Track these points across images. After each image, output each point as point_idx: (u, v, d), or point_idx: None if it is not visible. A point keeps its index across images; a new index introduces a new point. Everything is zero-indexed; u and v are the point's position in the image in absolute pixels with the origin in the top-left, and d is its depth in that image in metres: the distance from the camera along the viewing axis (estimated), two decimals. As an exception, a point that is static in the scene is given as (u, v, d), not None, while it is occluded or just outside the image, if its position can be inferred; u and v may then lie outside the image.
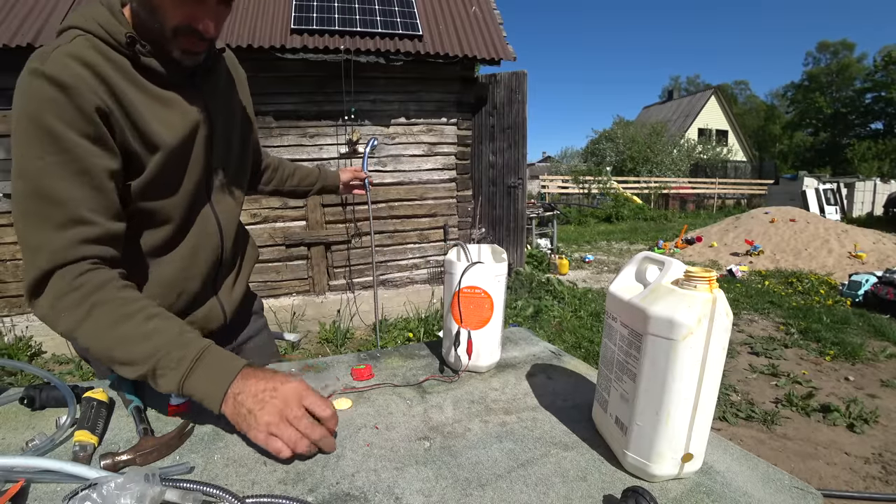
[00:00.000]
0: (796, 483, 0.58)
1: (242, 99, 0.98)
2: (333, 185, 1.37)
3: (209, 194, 0.89)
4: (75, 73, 0.66)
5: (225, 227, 0.92)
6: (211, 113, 0.85)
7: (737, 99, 41.66)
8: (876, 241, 6.98)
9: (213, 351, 0.66)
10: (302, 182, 1.32)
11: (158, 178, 0.77)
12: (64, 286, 0.66)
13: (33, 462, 0.54)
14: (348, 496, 0.54)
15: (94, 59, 0.69)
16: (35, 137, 0.65)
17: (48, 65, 0.65)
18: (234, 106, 0.94)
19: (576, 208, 13.52)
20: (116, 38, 0.71)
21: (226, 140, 0.91)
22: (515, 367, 0.93)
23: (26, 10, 3.71)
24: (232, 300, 0.99)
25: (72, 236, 0.67)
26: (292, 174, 1.30)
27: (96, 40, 0.71)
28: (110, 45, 0.72)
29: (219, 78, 0.90)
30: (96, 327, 0.65)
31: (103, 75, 0.69)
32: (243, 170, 0.99)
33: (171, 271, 0.85)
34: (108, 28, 0.71)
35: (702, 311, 0.51)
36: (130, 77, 0.73)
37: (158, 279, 0.83)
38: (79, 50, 0.68)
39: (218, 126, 0.87)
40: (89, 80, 0.67)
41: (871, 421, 2.73)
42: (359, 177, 1.41)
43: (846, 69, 32.27)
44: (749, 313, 4.90)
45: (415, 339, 4.04)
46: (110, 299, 0.66)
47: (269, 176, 1.25)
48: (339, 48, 3.94)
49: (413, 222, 4.70)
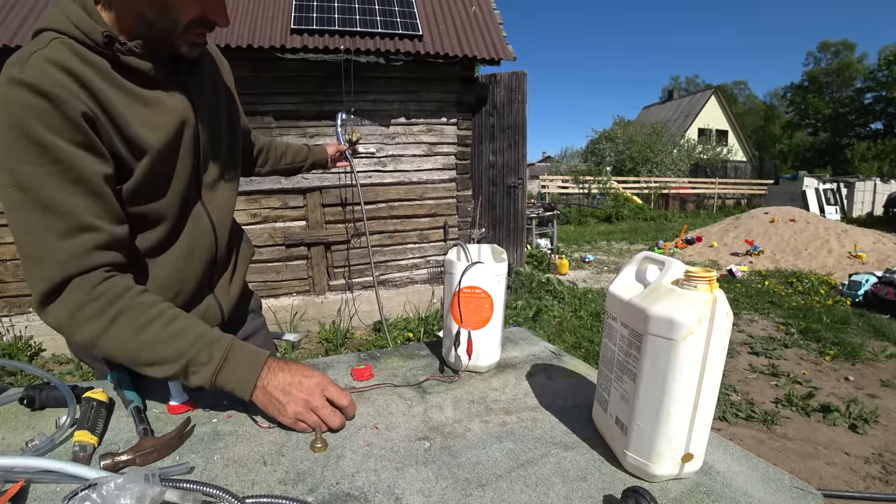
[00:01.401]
0: (796, 483, 0.58)
1: (226, 87, 0.96)
2: (322, 159, 1.44)
3: (200, 192, 0.88)
4: (56, 79, 0.64)
5: (218, 224, 0.91)
6: (196, 109, 0.83)
7: (737, 99, 41.66)
8: (876, 241, 6.98)
9: (239, 345, 0.72)
10: (295, 159, 1.36)
11: (147, 182, 0.76)
12: (83, 296, 0.66)
13: (33, 462, 0.54)
14: (348, 496, 0.54)
15: (73, 63, 0.66)
16: (25, 149, 0.63)
17: (27, 72, 0.63)
18: (218, 97, 0.92)
19: (576, 208, 13.52)
20: (93, 37, 0.68)
21: (213, 135, 0.89)
22: (515, 367, 0.93)
23: (26, 10, 3.71)
24: (229, 298, 0.98)
25: (81, 244, 0.66)
26: (285, 153, 1.33)
27: (72, 42, 0.68)
28: (87, 45, 0.69)
29: (202, 70, 0.88)
30: (121, 334, 0.67)
31: (84, 80, 0.67)
32: (234, 162, 0.97)
33: (167, 272, 0.84)
34: (84, 28, 0.68)
35: (702, 311, 0.51)
36: (110, 79, 0.71)
37: (155, 281, 0.83)
38: (56, 54, 0.66)
39: (204, 121, 0.85)
40: (71, 86, 0.65)
41: (871, 421, 2.73)
42: (339, 149, 1.52)
43: (847, 69, 32.28)
44: (749, 313, 4.90)
45: (415, 339, 4.04)
46: (132, 306, 0.68)
47: (264, 158, 1.28)
48: (339, 48, 3.94)
49: (413, 222, 4.70)
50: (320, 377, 0.72)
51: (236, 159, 0.99)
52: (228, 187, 0.95)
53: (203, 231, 0.88)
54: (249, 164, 1.25)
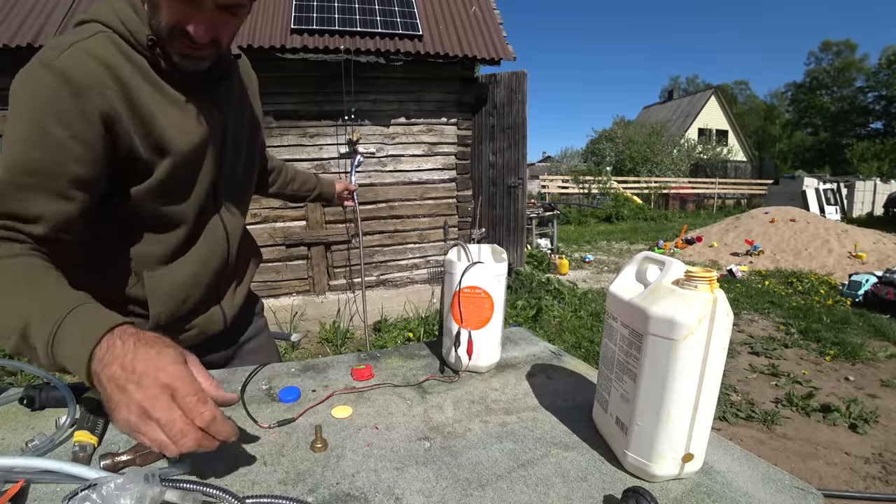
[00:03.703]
0: (796, 483, 0.58)
1: (253, 105, 0.98)
2: (329, 193, 1.41)
3: (217, 203, 0.89)
4: (91, 71, 0.64)
5: (232, 234, 0.92)
6: (224, 121, 0.85)
7: (737, 99, 41.63)
8: (876, 241, 6.98)
9: (81, 312, 0.55)
10: (302, 187, 1.35)
11: (168, 184, 0.76)
12: None
13: (33, 462, 0.54)
14: (348, 496, 0.54)
15: (115, 59, 0.67)
16: (29, 130, 0.62)
17: (63, 59, 0.62)
18: (245, 113, 0.94)
19: (576, 208, 13.52)
20: (138, 38, 0.69)
21: (236, 148, 0.91)
22: (515, 367, 0.93)
23: (26, 10, 3.71)
24: (233, 306, 0.99)
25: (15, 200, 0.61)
26: (294, 178, 1.32)
27: (117, 38, 0.69)
28: (131, 44, 0.69)
29: (232, 85, 0.89)
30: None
31: (121, 77, 0.67)
32: (250, 178, 1.00)
33: (182, 277, 0.84)
34: (131, 27, 0.69)
35: (702, 311, 0.51)
36: (150, 79, 0.71)
37: (169, 284, 0.83)
38: (98, 47, 0.66)
39: (230, 133, 0.87)
40: (105, 80, 0.65)
41: (871, 421, 2.73)
42: (348, 188, 1.49)
43: (848, 68, 32.27)
44: (749, 313, 4.90)
45: (415, 339, 4.04)
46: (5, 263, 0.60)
47: (273, 178, 1.28)
48: (339, 48, 3.93)
49: (413, 222, 4.70)
50: (175, 373, 0.50)
51: (252, 176, 1.01)
52: (243, 200, 0.97)
53: (218, 240, 0.89)
54: (260, 185, 1.25)
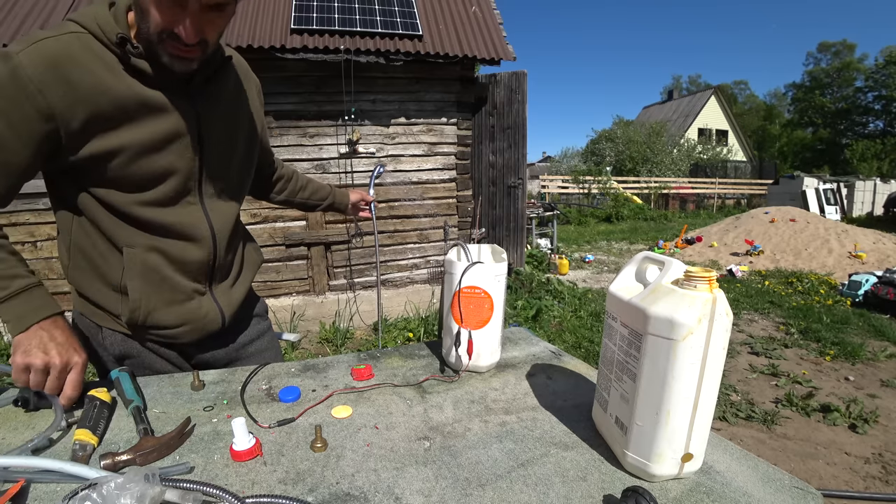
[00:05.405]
0: (796, 483, 0.58)
1: (252, 105, 0.99)
2: (343, 203, 1.39)
3: (201, 198, 0.90)
4: (37, 74, 0.70)
5: (218, 230, 0.93)
6: (202, 119, 0.86)
7: (737, 99, 41.62)
8: (876, 241, 6.98)
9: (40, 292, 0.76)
10: (313, 196, 1.33)
11: (127, 175, 0.80)
12: None
13: (33, 462, 0.54)
14: (348, 496, 0.54)
15: (69, 61, 0.72)
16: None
17: (21, 55, 0.69)
18: (240, 113, 0.95)
19: (576, 208, 13.52)
20: (108, 36, 0.75)
21: (225, 147, 0.92)
22: (515, 367, 0.93)
23: (26, 10, 3.71)
24: (231, 303, 1.00)
25: None
26: (304, 186, 1.31)
27: (89, 37, 0.75)
28: (104, 43, 0.75)
29: (223, 84, 0.91)
30: None
31: (70, 79, 0.72)
32: (245, 177, 1.01)
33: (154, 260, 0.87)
34: (104, 27, 0.75)
35: (702, 310, 0.51)
36: (118, 75, 0.76)
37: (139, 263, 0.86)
38: (58, 48, 0.71)
39: (214, 133, 0.88)
40: (51, 82, 0.71)
41: (871, 421, 2.73)
42: (365, 199, 1.45)
43: (847, 68, 32.27)
44: (749, 313, 4.90)
45: (415, 339, 4.04)
46: None
47: (282, 186, 1.27)
48: (339, 48, 3.93)
49: (413, 222, 4.70)
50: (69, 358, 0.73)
51: (248, 176, 1.03)
52: (235, 198, 0.98)
53: (201, 233, 0.90)
54: (265, 188, 1.25)
